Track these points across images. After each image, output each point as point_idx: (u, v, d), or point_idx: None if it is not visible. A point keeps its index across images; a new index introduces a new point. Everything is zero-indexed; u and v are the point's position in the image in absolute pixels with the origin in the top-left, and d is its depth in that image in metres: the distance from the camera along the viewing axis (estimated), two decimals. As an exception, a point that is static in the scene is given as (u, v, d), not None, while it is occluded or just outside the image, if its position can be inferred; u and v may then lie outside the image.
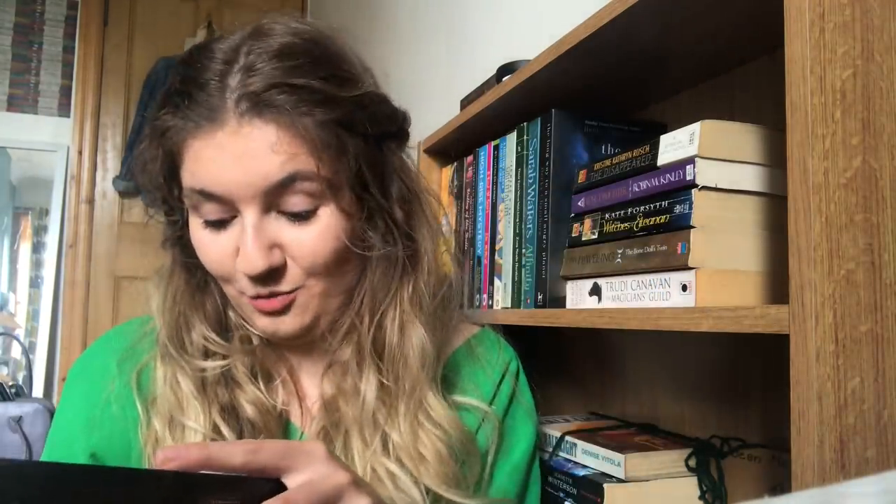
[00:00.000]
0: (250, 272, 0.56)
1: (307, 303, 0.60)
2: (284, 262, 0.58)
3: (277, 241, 0.57)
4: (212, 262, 0.59)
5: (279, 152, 0.54)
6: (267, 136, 0.54)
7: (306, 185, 0.55)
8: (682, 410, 0.82)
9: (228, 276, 0.59)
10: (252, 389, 0.61)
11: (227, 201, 0.56)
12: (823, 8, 0.43)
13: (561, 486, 0.74)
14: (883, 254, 0.43)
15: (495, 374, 0.70)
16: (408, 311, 0.62)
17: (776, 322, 0.44)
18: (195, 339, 0.62)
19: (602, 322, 0.64)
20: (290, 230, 0.57)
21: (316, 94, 0.55)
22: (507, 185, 0.88)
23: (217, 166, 0.55)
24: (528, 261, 0.82)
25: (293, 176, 0.55)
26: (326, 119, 0.55)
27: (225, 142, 0.54)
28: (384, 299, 0.62)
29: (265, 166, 0.54)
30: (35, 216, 2.81)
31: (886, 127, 0.44)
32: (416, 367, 0.61)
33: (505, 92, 0.86)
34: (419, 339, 0.61)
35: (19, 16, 2.73)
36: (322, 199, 0.57)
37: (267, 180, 0.55)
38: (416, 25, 1.83)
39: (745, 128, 0.58)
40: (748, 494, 0.67)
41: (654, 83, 0.82)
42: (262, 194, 0.55)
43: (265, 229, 0.57)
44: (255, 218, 0.56)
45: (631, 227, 0.64)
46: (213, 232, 0.58)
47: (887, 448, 0.42)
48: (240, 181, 0.55)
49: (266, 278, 0.57)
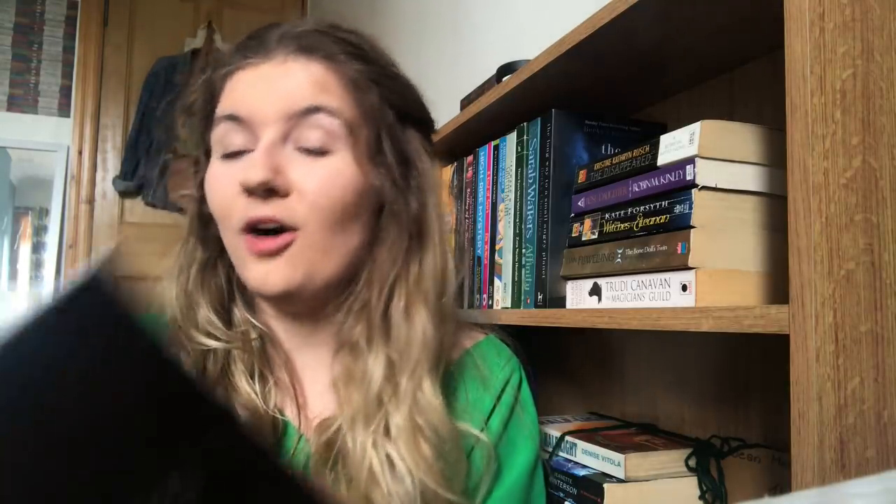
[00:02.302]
0: (247, 179, 0.56)
1: (301, 253, 0.58)
2: (288, 191, 0.57)
3: (286, 170, 0.58)
4: (220, 192, 0.59)
5: (312, 82, 0.59)
6: (310, 69, 0.59)
7: (327, 120, 0.58)
8: (682, 410, 0.82)
9: (229, 205, 0.58)
10: (247, 391, 0.61)
11: (250, 127, 0.58)
12: (823, 8, 0.43)
13: (561, 486, 0.74)
14: (883, 254, 0.43)
15: (496, 386, 0.67)
16: (413, 293, 0.62)
17: (776, 322, 0.44)
18: (200, 320, 0.62)
19: (602, 322, 0.64)
20: (301, 163, 0.58)
21: (357, 50, 0.62)
22: (507, 185, 0.88)
23: (251, 90, 0.59)
24: (528, 261, 0.82)
25: (318, 107, 0.58)
26: (363, 70, 0.61)
27: (267, 71, 0.59)
28: (390, 276, 0.61)
29: (296, 91, 0.58)
30: (35, 216, 2.81)
31: (886, 127, 0.44)
32: (419, 352, 0.60)
33: (505, 92, 0.86)
34: (423, 323, 0.61)
35: (19, 16, 2.73)
36: (339, 142, 0.59)
37: (293, 104, 0.58)
38: (416, 25, 1.83)
39: (745, 128, 0.58)
40: (748, 494, 0.67)
41: (654, 83, 0.82)
42: (285, 118, 0.58)
43: (277, 154, 0.58)
44: (270, 140, 0.58)
45: (631, 227, 0.64)
46: (228, 165, 0.59)
47: (887, 448, 0.42)
48: (267, 101, 0.58)
49: (265, 198, 0.57)
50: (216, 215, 0.61)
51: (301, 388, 0.66)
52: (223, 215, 0.60)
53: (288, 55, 0.60)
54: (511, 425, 0.67)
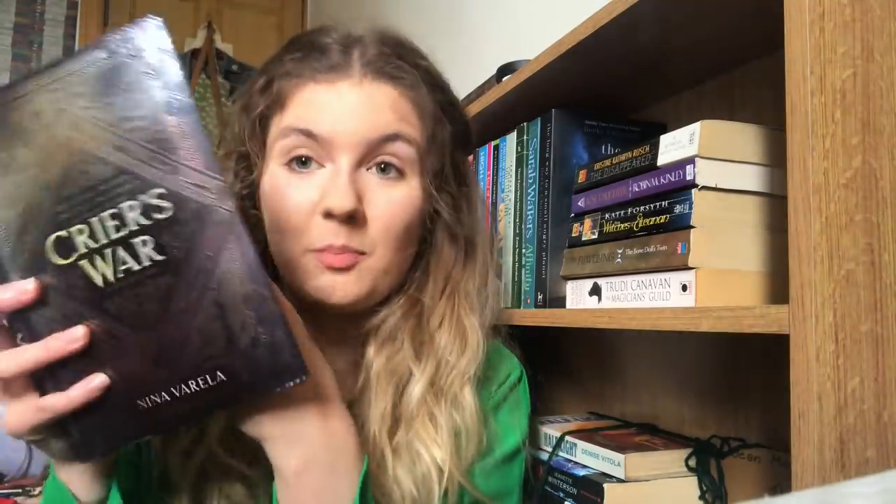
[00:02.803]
0: (339, 207, 0.57)
1: (369, 273, 0.60)
2: (365, 218, 0.59)
3: (364, 195, 0.59)
4: (291, 206, 0.59)
5: (393, 109, 0.60)
6: (388, 94, 0.60)
7: (404, 148, 0.60)
8: (682, 410, 0.82)
9: (304, 223, 0.59)
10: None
11: (326, 145, 0.58)
12: (823, 8, 0.43)
13: (561, 486, 0.74)
14: (883, 254, 0.43)
15: (497, 380, 0.70)
16: (464, 304, 0.65)
17: (776, 322, 0.44)
18: None
19: (602, 322, 0.64)
20: (378, 187, 0.60)
21: (429, 76, 0.64)
22: (507, 185, 0.88)
23: (331, 110, 0.59)
24: (528, 261, 0.82)
25: (398, 134, 0.59)
26: (433, 98, 0.63)
27: (346, 91, 0.59)
28: (443, 287, 0.65)
29: (379, 119, 0.59)
30: (35, 216, 2.81)
31: (886, 127, 0.44)
32: (469, 359, 0.63)
33: (505, 92, 0.86)
34: (475, 333, 0.64)
35: (19, 16, 2.73)
36: (412, 167, 0.61)
37: (375, 132, 0.59)
38: (416, 25, 1.83)
39: (745, 128, 0.58)
40: (748, 494, 0.67)
41: (654, 83, 0.82)
42: (365, 145, 0.58)
43: (358, 180, 0.59)
44: (351, 166, 0.59)
45: (631, 227, 0.64)
46: (297, 176, 0.60)
47: (887, 448, 0.42)
48: (349, 126, 0.58)
49: (345, 225, 0.58)
50: (279, 226, 0.61)
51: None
52: (292, 230, 0.60)
53: (365, 75, 0.60)
54: (501, 411, 0.69)
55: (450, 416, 0.61)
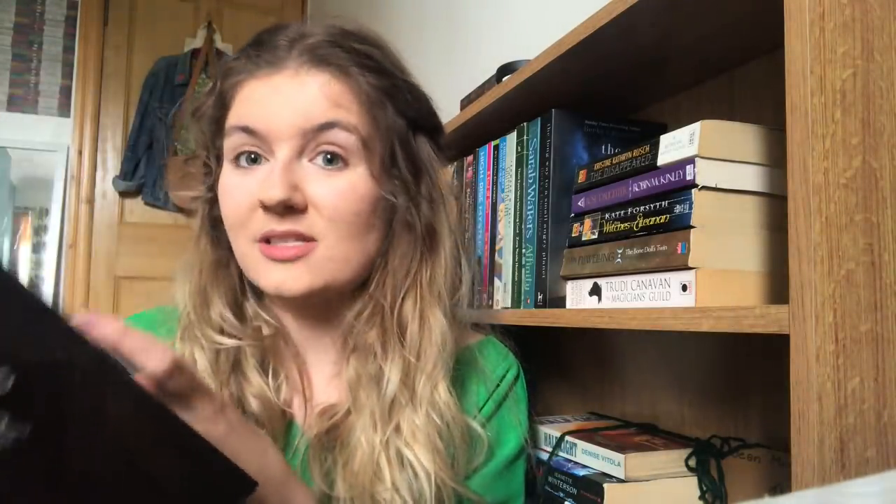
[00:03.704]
0: (267, 198, 0.57)
1: (322, 264, 0.59)
2: (305, 207, 0.59)
3: (302, 185, 0.59)
4: (235, 202, 0.60)
5: (328, 97, 0.59)
6: (323, 82, 0.59)
7: (343, 135, 0.59)
8: (682, 410, 0.82)
9: (246, 217, 0.59)
10: (259, 382, 0.62)
11: (266, 140, 0.59)
12: (823, 8, 0.43)
13: (561, 486, 0.74)
14: (883, 254, 0.43)
15: (493, 379, 0.69)
16: (427, 297, 0.63)
17: (776, 322, 0.44)
18: (213, 316, 0.63)
19: (602, 322, 0.64)
20: (317, 177, 0.59)
21: (370, 61, 0.61)
22: (507, 185, 0.88)
23: (266, 103, 0.59)
24: (528, 261, 0.82)
25: (334, 122, 0.58)
26: (377, 83, 0.61)
27: (280, 84, 0.59)
28: (404, 282, 0.63)
29: (312, 107, 0.58)
30: (35, 216, 2.81)
31: (886, 127, 0.44)
32: (436, 353, 0.61)
33: (505, 92, 0.86)
34: (439, 326, 0.62)
35: (19, 16, 2.72)
36: (354, 156, 0.60)
37: (310, 120, 0.58)
38: (416, 25, 1.83)
39: (745, 128, 0.58)
40: (748, 494, 0.67)
41: (654, 83, 0.82)
42: (301, 134, 0.58)
43: (294, 170, 0.59)
44: (287, 157, 0.58)
45: (631, 227, 0.64)
46: (242, 174, 0.60)
47: (887, 448, 0.42)
48: (283, 118, 0.58)
49: (283, 214, 0.58)
50: (228, 223, 0.62)
51: (309, 381, 0.67)
52: (237, 225, 0.61)
53: (301, 66, 0.59)
54: (500, 414, 0.69)
55: (427, 416, 0.60)
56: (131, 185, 2.66)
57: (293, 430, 0.64)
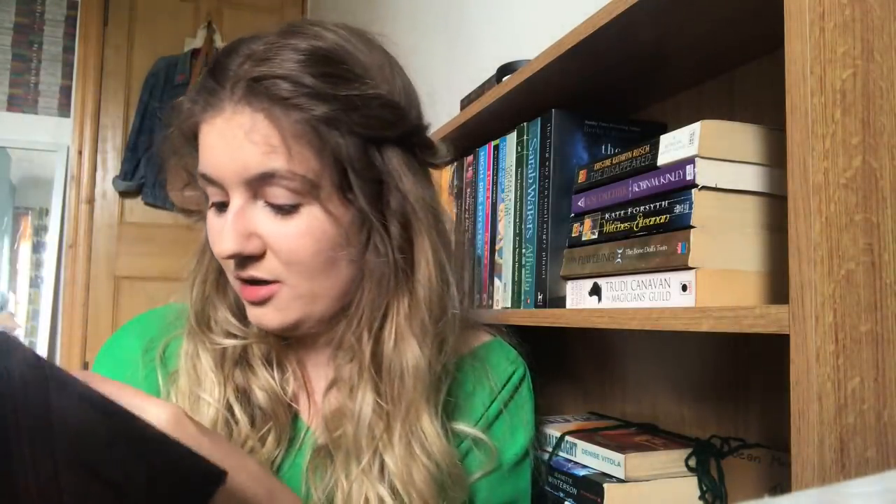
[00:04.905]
0: (218, 253, 0.58)
1: (289, 303, 0.59)
2: (263, 252, 0.58)
3: (257, 231, 0.57)
4: (212, 245, 0.60)
5: (256, 143, 0.55)
6: (252, 124, 0.55)
7: (283, 183, 0.55)
8: (682, 410, 0.82)
9: (222, 259, 0.60)
10: (265, 376, 0.62)
11: (221, 186, 0.58)
12: (823, 8, 0.43)
13: (561, 486, 0.74)
14: (883, 254, 0.43)
15: (499, 381, 0.69)
16: (403, 326, 0.60)
17: (776, 322, 0.44)
18: (219, 320, 0.64)
19: (602, 322, 0.64)
20: (270, 222, 0.57)
21: (302, 88, 0.54)
22: (507, 185, 0.88)
23: (214, 152, 0.57)
24: (528, 261, 0.82)
25: (272, 172, 0.55)
26: (318, 112, 0.54)
27: (221, 128, 0.56)
28: (379, 313, 0.60)
29: (247, 156, 0.55)
30: (35, 216, 2.81)
31: (886, 127, 0.44)
32: (411, 386, 0.59)
33: (505, 92, 0.86)
34: (414, 356, 0.59)
35: (19, 16, 2.72)
36: (305, 196, 0.56)
37: (248, 170, 0.56)
38: (416, 25, 1.83)
39: (745, 128, 0.58)
40: (748, 494, 0.67)
41: (654, 83, 0.82)
42: (245, 183, 0.56)
43: (247, 216, 0.57)
44: (239, 203, 0.57)
45: (631, 227, 0.64)
46: (217, 215, 0.60)
47: (887, 448, 0.42)
48: (226, 167, 0.56)
49: (243, 263, 0.58)
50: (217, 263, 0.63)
51: (309, 380, 0.68)
52: (220, 262, 0.62)
53: (236, 105, 0.55)
54: (506, 415, 0.68)
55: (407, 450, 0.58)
56: (131, 185, 2.66)
57: (298, 424, 0.65)
